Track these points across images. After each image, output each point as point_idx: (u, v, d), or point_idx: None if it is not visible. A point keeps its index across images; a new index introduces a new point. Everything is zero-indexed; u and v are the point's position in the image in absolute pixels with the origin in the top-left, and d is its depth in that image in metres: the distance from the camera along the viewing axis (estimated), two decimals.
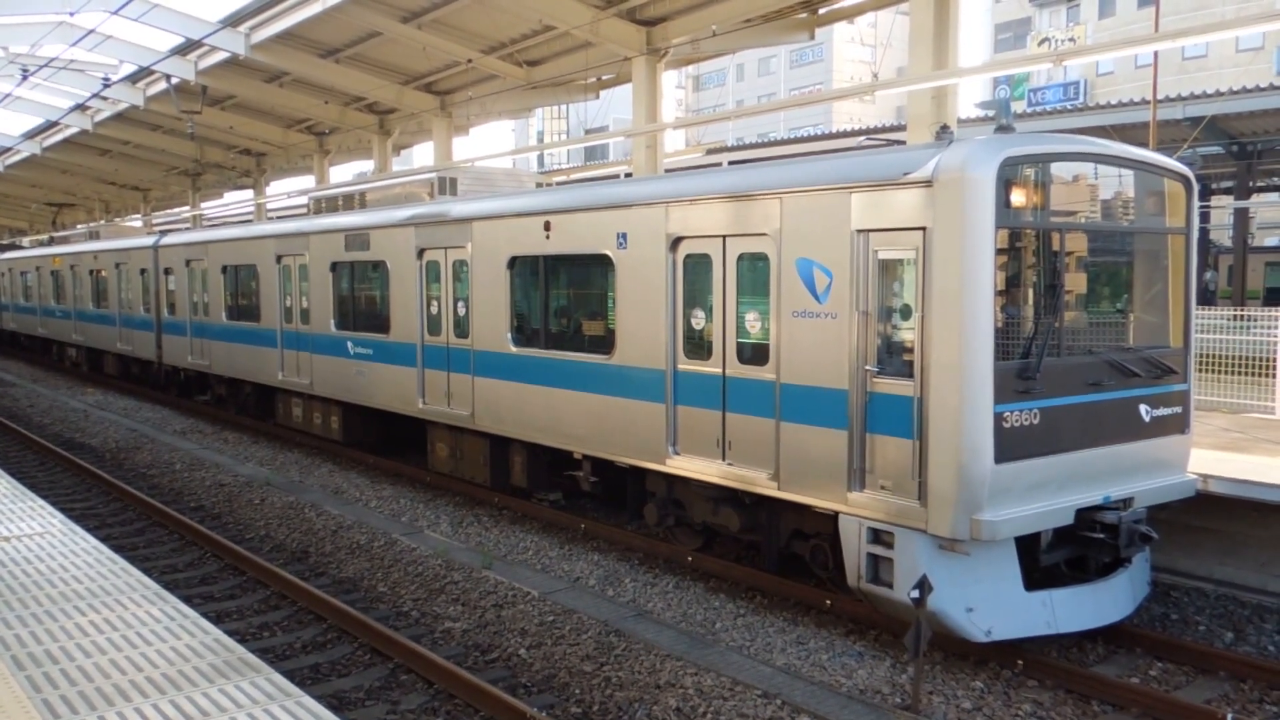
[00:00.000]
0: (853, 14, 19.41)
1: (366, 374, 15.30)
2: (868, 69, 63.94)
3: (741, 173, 9.69)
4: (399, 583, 10.60)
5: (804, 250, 8.62)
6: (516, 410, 12.26)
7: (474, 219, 12.88)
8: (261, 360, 18.60)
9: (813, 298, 8.54)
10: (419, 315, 14.03)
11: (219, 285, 20.11)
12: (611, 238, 10.69)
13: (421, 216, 13.94)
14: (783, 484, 8.91)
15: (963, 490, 7.51)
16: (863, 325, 8.20)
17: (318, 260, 16.47)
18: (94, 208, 53.78)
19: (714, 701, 7.44)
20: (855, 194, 8.20)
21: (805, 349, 8.64)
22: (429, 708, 7.69)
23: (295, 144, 33.09)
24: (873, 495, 8.17)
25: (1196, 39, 11.55)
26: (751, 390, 9.21)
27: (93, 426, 21.02)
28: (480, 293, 12.78)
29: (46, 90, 30.16)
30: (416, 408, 14.15)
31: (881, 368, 8.13)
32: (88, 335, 29.24)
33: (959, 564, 7.79)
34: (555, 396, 11.61)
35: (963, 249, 7.46)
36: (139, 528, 13.19)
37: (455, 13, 19.88)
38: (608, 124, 56.96)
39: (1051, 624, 8.00)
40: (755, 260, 9.24)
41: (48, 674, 5.20)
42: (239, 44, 22.44)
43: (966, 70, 14.64)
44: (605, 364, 10.85)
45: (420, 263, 13.96)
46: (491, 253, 12.56)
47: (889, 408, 8.04)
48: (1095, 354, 8.55)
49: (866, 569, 8.21)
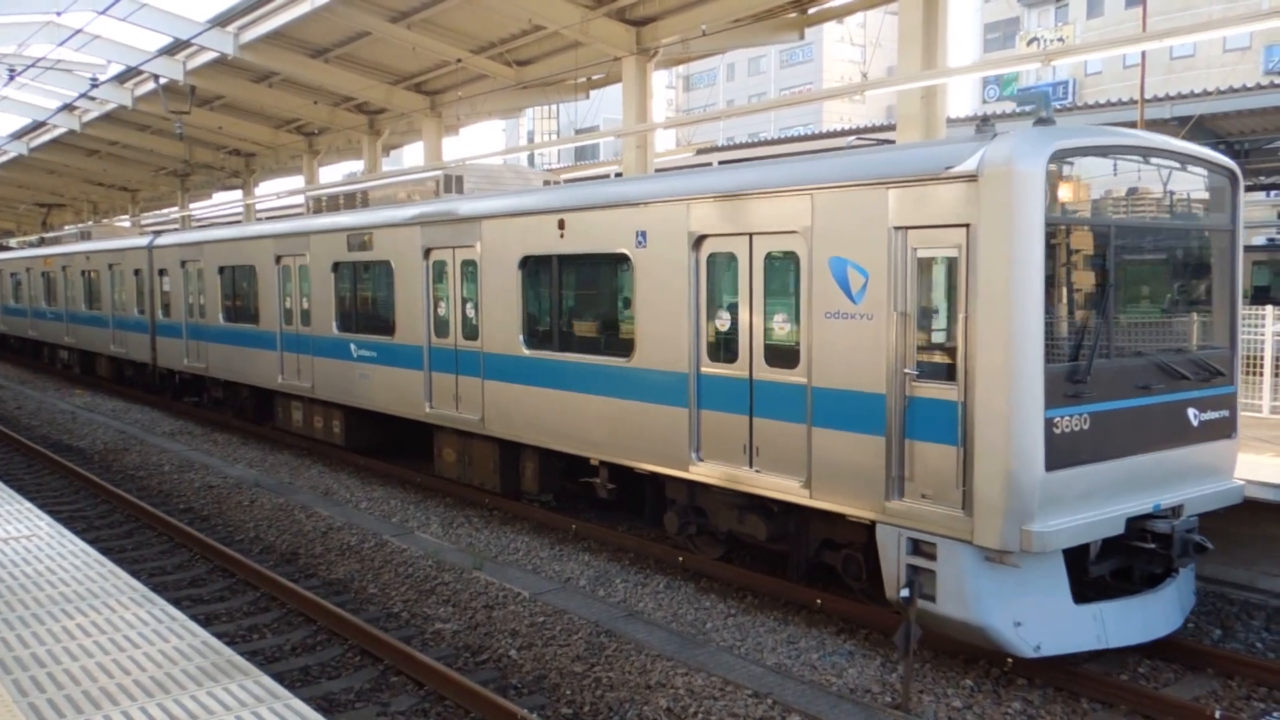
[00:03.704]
0: (842, 14, 19.41)
1: (370, 377, 14.99)
2: (857, 69, 64.02)
3: (769, 168, 9.29)
4: (389, 584, 10.57)
5: (837, 248, 8.28)
6: (529, 414, 11.91)
7: (483, 217, 12.54)
8: (260, 363, 18.26)
9: (847, 298, 8.21)
10: (425, 317, 13.70)
11: (216, 286, 19.74)
12: (630, 236, 10.36)
13: (428, 215, 13.60)
14: (814, 492, 8.58)
15: (1012, 499, 7.21)
16: (901, 327, 7.88)
17: (319, 261, 16.15)
18: (82, 208, 53.56)
19: (705, 701, 7.44)
20: (893, 189, 7.86)
21: (839, 352, 8.31)
22: (419, 709, 7.67)
23: (284, 144, 33.00)
24: (912, 504, 7.84)
25: (1184, 39, 11.59)
26: (780, 394, 8.88)
27: (81, 428, 20.93)
28: (490, 294, 12.45)
29: (34, 90, 30.02)
30: (423, 412, 13.80)
31: (922, 371, 7.81)
32: (80, 338, 28.87)
33: (1006, 576, 7.47)
34: (570, 400, 11.27)
35: (1011, 246, 7.15)
36: (127, 530, 13.13)
37: (444, 13, 19.85)
38: (598, 124, 56.97)
39: (1102, 638, 7.70)
40: (784, 259, 8.93)
41: (35, 678, 5.17)
42: (227, 44, 22.36)
43: (955, 70, 14.68)
44: (624, 367, 10.53)
45: (426, 263, 13.62)
46: (502, 252, 12.24)
47: (930, 413, 7.72)
48: (1143, 356, 8.23)
49: (906, 581, 7.90)
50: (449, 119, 26.56)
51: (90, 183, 46.37)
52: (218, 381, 20.80)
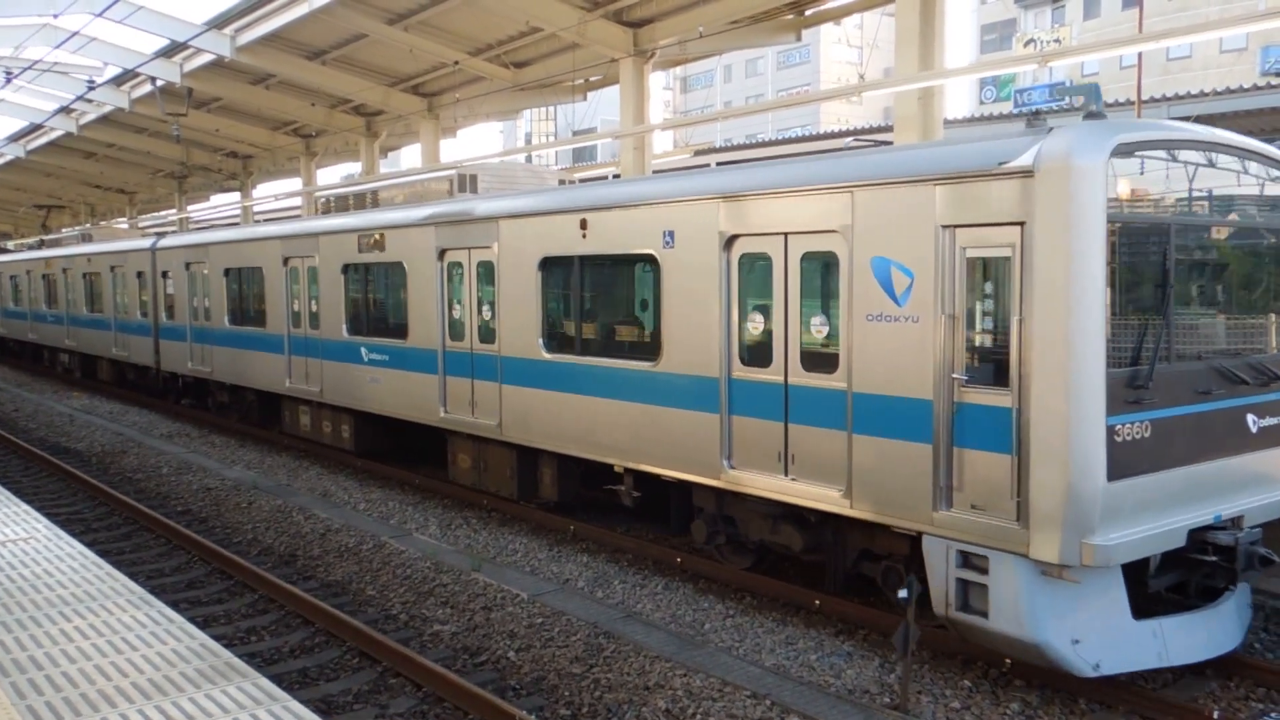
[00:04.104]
0: (839, 15, 19.47)
1: (382, 381, 14.61)
2: (854, 70, 64.10)
3: (806, 165, 8.91)
4: (387, 586, 10.57)
5: (880, 248, 7.93)
6: (549, 420, 11.55)
7: (501, 217, 12.14)
8: (267, 367, 17.88)
9: (890, 300, 7.86)
10: (440, 319, 13.30)
11: (221, 289, 19.40)
12: (656, 236, 10.02)
13: (443, 215, 13.21)
14: (855, 501, 8.22)
15: (1071, 511, 6.88)
16: (949, 330, 7.55)
17: (328, 262, 15.78)
18: (79, 211, 53.54)
19: (703, 702, 7.44)
20: (940, 187, 7.52)
21: (882, 356, 7.96)
22: (417, 711, 7.67)
23: (282, 146, 33.00)
24: (962, 515, 7.50)
25: (1180, 40, 11.62)
26: (818, 400, 8.54)
27: (78, 430, 20.91)
28: (508, 296, 12.09)
29: (30, 93, 30.00)
30: (437, 417, 13.43)
31: (971, 376, 7.47)
32: (81, 341, 28.46)
33: (1063, 591, 7.14)
34: (593, 406, 10.92)
35: (1070, 245, 6.79)
36: (125, 532, 13.12)
37: (442, 14, 19.86)
38: (596, 126, 57.02)
39: (1163, 656, 7.38)
40: (822, 259, 8.58)
41: (32, 680, 5.16)
42: (224, 46, 22.37)
43: (953, 71, 14.72)
44: (651, 371, 10.18)
45: (441, 264, 13.25)
46: (521, 253, 11.85)
47: (981, 420, 7.38)
48: (1203, 360, 7.88)
49: (956, 596, 7.55)
50: (446, 121, 26.57)
51: (87, 185, 46.36)
52: (223, 385, 20.47)
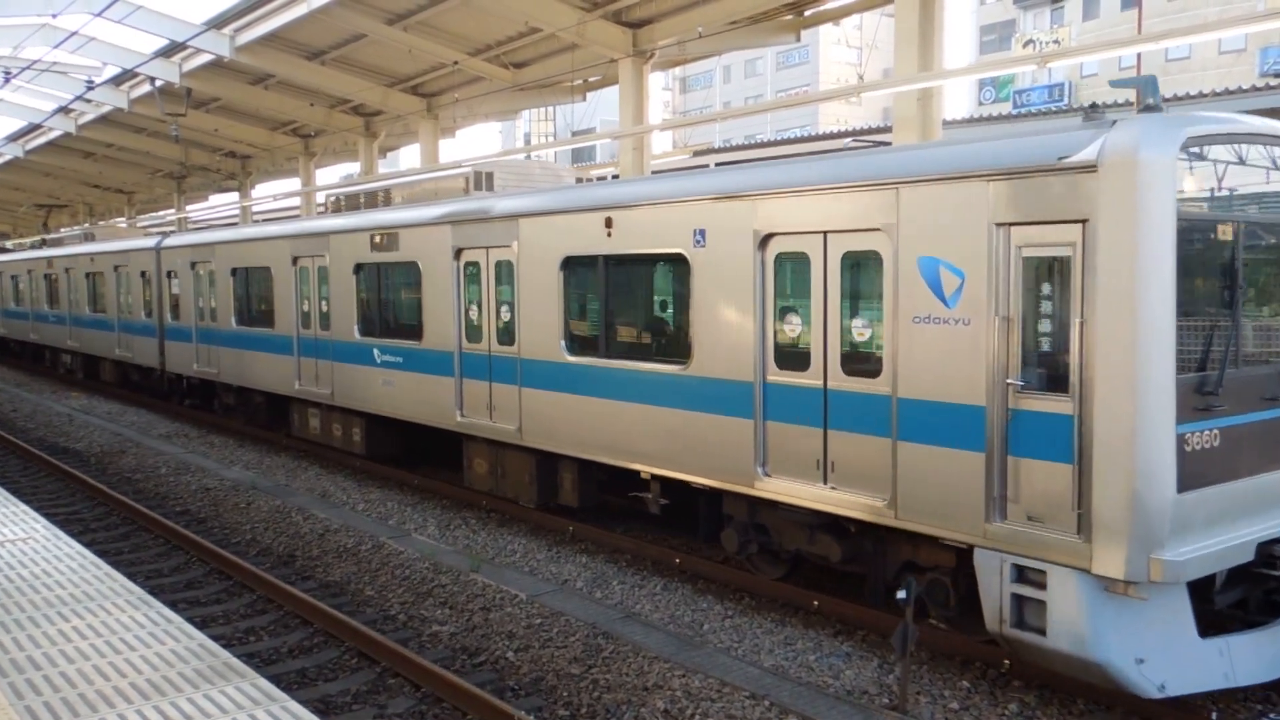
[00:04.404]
0: (838, 16, 19.49)
1: (395, 384, 14.23)
2: (853, 71, 64.14)
3: (848, 161, 8.57)
4: (386, 586, 10.57)
5: (928, 247, 7.60)
6: (572, 425, 11.20)
7: (521, 216, 11.76)
8: (275, 368, 17.49)
9: (939, 301, 7.54)
10: (456, 321, 12.95)
11: (228, 289, 18.95)
12: (687, 235, 9.68)
13: (459, 214, 12.82)
14: (900, 512, 7.91)
15: (1139, 524, 6.56)
16: (1003, 333, 7.22)
17: (339, 262, 15.39)
18: (78, 210, 53.54)
19: (702, 703, 7.44)
20: (994, 182, 7.20)
21: (929, 360, 7.64)
22: (416, 711, 7.67)
23: (281, 146, 33.01)
24: (1017, 527, 7.18)
25: (1179, 41, 11.64)
26: (860, 405, 8.22)
27: (77, 431, 20.89)
28: (528, 296, 11.74)
29: (29, 93, 30.01)
30: (454, 421, 13.07)
31: (1028, 381, 7.14)
32: (83, 341, 27.99)
33: (1127, 609, 6.83)
34: (619, 410, 10.56)
35: (1137, 243, 6.49)
36: (123, 532, 13.11)
37: (441, 15, 19.87)
38: (595, 126, 57.01)
39: (1230, 676, 7.07)
40: (864, 259, 8.25)
41: (30, 680, 5.16)
42: (223, 46, 22.38)
43: (952, 72, 14.73)
44: (680, 375, 9.85)
45: (457, 264, 12.88)
46: (542, 252, 11.49)
47: (1038, 427, 7.06)
48: (1272, 364, 7.56)
49: (1010, 612, 7.23)
50: (445, 121, 26.58)
51: (86, 185, 46.37)
52: (229, 387, 20.11)
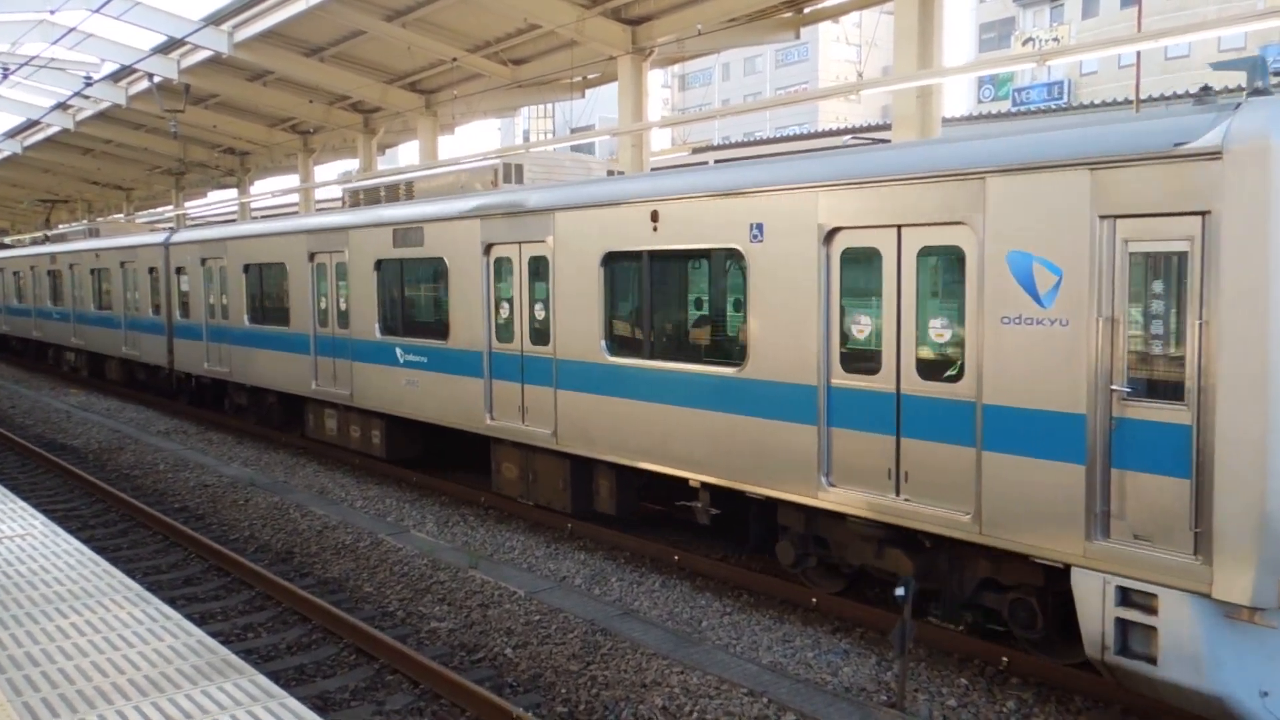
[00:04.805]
0: (837, 13, 19.46)
1: (420, 385, 13.73)
2: (853, 68, 64.14)
3: (927, 149, 8.10)
4: (385, 583, 10.57)
5: (1019, 242, 7.14)
6: (612, 429, 10.70)
7: (557, 209, 11.24)
8: (291, 368, 16.97)
9: (1032, 300, 7.09)
10: (485, 319, 12.45)
11: (240, 286, 18.42)
12: (742, 229, 9.16)
13: (490, 207, 12.29)
14: (985, 526, 7.43)
15: (1269, 545, 6.07)
16: (1107, 334, 6.74)
17: (359, 257, 14.86)
18: (77, 207, 53.51)
19: (700, 700, 7.45)
20: (1099, 171, 6.73)
21: (1020, 363, 7.18)
22: (414, 708, 7.67)
23: (280, 143, 32.98)
24: (1122, 546, 6.71)
25: (1179, 39, 11.62)
26: (939, 412, 7.74)
27: (75, 427, 20.89)
28: (565, 294, 11.23)
29: (27, 89, 29.99)
30: (483, 424, 12.59)
31: (1135, 388, 6.66)
32: (88, 339, 27.46)
33: (1251, 637, 6.37)
34: (665, 414, 10.08)
35: (1269, 236, 6.04)
36: (122, 529, 13.11)
37: (439, 11, 19.86)
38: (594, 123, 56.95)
39: None
40: (944, 255, 7.79)
41: (29, 677, 5.16)
42: (222, 42, 22.35)
43: (951, 70, 14.72)
44: (734, 378, 9.35)
45: (487, 259, 12.37)
46: (580, 248, 10.98)
47: (1148, 438, 6.59)
48: None
49: (1114, 638, 6.77)
50: (444, 118, 26.57)
51: (85, 181, 46.32)
52: (241, 387, 19.61)
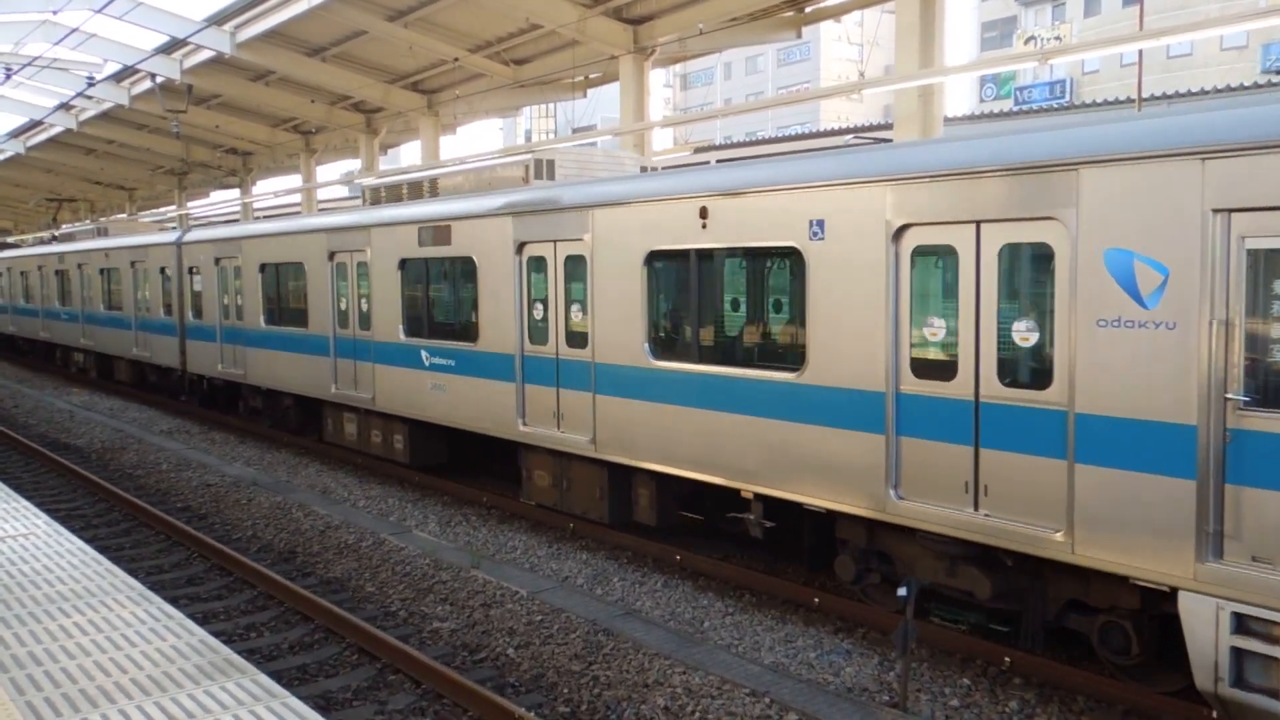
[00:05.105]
0: (839, 13, 19.45)
1: (447, 389, 13.24)
2: (855, 68, 64.11)
3: (1012, 140, 7.52)
4: (387, 582, 10.58)
5: (1118, 239, 6.70)
6: (656, 437, 10.23)
7: (595, 206, 10.76)
8: (309, 370, 16.48)
9: (1134, 302, 6.64)
10: (517, 321, 11.97)
11: (256, 286, 17.95)
12: (801, 226, 8.70)
13: (523, 204, 11.81)
14: (1079, 545, 6.98)
15: None
16: (1221, 339, 6.28)
17: (382, 257, 14.40)
18: (79, 207, 53.56)
19: (702, 700, 7.45)
20: (1212, 161, 6.29)
21: (1119, 369, 6.73)
22: (416, 708, 7.67)
23: (282, 143, 33.01)
24: (1239, 569, 6.26)
25: (1181, 37, 11.60)
26: (1024, 421, 7.31)
27: (78, 427, 20.91)
28: (604, 294, 10.77)
29: (30, 89, 30.03)
30: (516, 430, 12.08)
31: (1254, 397, 6.22)
32: (97, 340, 26.93)
33: None
34: (715, 421, 9.61)
35: None
36: (125, 528, 13.13)
37: (441, 11, 19.88)
38: (595, 123, 56.95)
39: None
40: (1030, 252, 7.36)
41: (31, 676, 5.16)
42: (224, 43, 22.38)
43: (953, 69, 14.72)
44: (793, 384, 8.87)
45: (519, 259, 11.91)
46: (620, 246, 10.51)
47: (1270, 452, 6.19)
48: None
49: (1229, 668, 6.36)
50: (446, 118, 26.59)
51: (87, 181, 46.38)
52: (257, 390, 19.09)
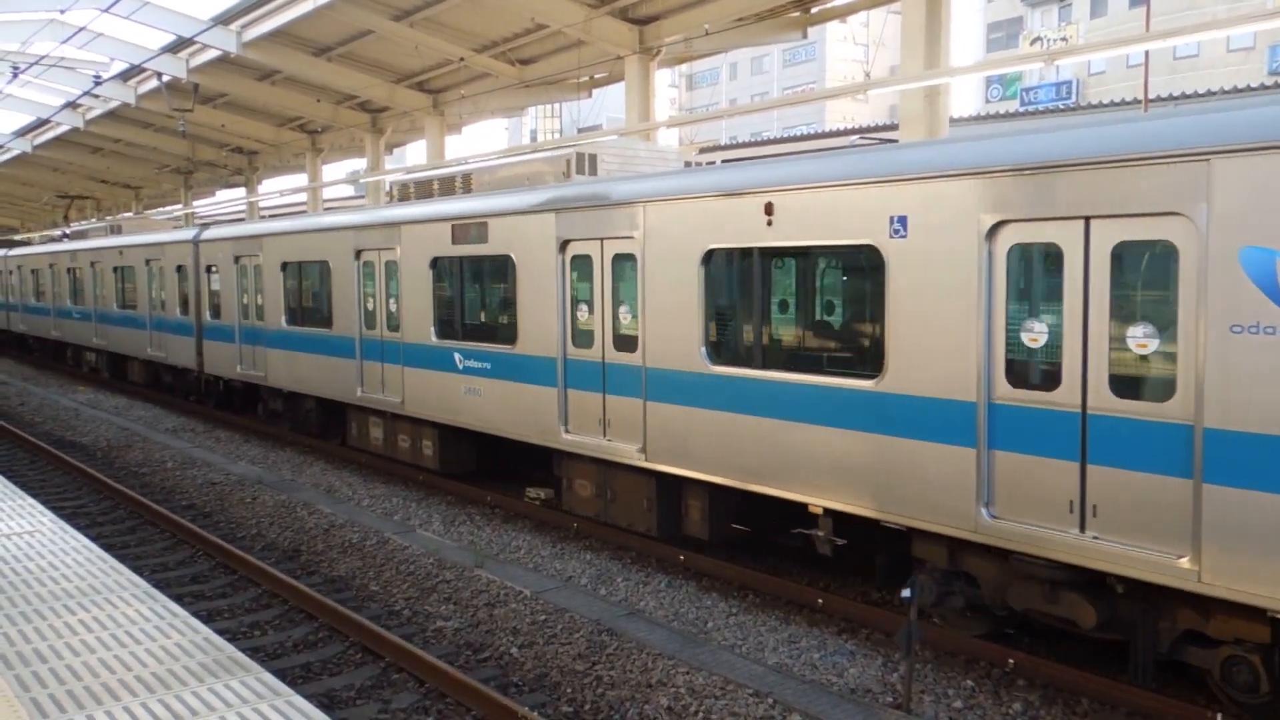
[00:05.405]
0: (845, 13, 19.43)
1: (482, 393, 12.76)
2: (860, 68, 64.04)
3: (1128, 127, 7.02)
4: (391, 581, 10.59)
5: (1257, 236, 6.26)
6: (715, 446, 9.72)
7: (647, 201, 10.27)
8: (334, 373, 16.04)
9: (1276, 306, 6.28)
10: (560, 323, 11.52)
11: (278, 285, 17.50)
12: (880, 222, 8.20)
13: (566, 199, 11.33)
14: (1208, 572, 6.48)
15: None
16: None
17: (412, 255, 13.94)
18: (85, 205, 53.70)
19: (705, 700, 7.45)
20: None
21: (1259, 381, 6.27)
22: (420, 707, 7.68)
23: (287, 142, 33.06)
24: None
25: (1188, 39, 11.57)
26: (1140, 436, 6.84)
27: (84, 425, 20.96)
28: (656, 295, 10.28)
29: (37, 88, 30.10)
30: (558, 438, 11.58)
31: None
32: (111, 339, 26.52)
33: None
34: (779, 431, 9.12)
35: None
36: (130, 526, 13.16)
37: (447, 11, 19.89)
38: (601, 123, 56.95)
39: None
40: (1149, 251, 6.90)
41: (36, 673, 5.18)
42: (230, 42, 22.42)
43: (959, 69, 14.68)
44: (869, 391, 8.36)
45: (562, 257, 11.44)
46: (675, 244, 10.04)
47: None
48: None
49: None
50: (452, 117, 26.62)
51: (94, 180, 46.48)
52: (277, 392, 18.62)
